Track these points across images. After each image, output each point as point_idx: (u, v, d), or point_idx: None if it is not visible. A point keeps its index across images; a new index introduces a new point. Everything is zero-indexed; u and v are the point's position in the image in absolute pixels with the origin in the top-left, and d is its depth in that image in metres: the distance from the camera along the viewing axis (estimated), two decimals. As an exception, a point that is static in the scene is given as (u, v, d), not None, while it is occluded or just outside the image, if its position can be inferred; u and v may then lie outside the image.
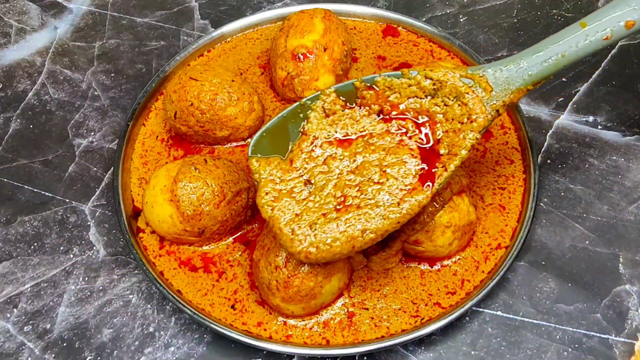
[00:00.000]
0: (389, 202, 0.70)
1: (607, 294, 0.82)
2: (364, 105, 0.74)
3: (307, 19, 0.93)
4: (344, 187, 0.71)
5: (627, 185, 0.90)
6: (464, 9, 1.12)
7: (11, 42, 1.11)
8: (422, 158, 0.72)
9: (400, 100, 0.73)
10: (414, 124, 0.73)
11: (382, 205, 0.70)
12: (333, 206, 0.70)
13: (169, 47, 1.09)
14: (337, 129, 0.74)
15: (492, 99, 0.72)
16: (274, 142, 0.74)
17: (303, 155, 0.73)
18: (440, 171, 0.71)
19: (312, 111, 0.75)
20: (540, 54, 0.71)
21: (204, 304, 0.80)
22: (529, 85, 0.72)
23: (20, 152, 0.98)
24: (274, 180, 0.72)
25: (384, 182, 0.71)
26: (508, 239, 0.83)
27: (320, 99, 0.75)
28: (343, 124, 0.74)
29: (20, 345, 0.80)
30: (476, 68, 0.73)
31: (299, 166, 0.73)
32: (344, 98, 0.75)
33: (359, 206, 0.70)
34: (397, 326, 0.78)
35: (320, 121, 0.74)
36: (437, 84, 0.72)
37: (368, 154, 0.72)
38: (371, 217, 0.70)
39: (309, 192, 0.71)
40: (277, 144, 0.74)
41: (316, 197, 0.71)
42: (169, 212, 0.80)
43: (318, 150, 0.73)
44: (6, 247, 0.88)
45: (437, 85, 0.72)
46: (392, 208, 0.70)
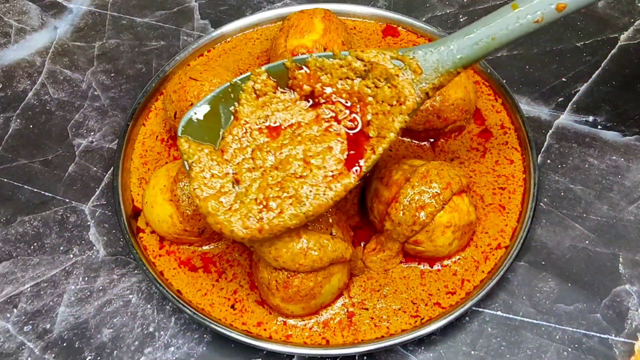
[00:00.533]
0: (312, 194, 0.70)
1: (607, 293, 0.82)
2: (295, 86, 0.73)
3: (307, 19, 0.93)
4: (267, 187, 0.70)
5: (627, 185, 0.90)
6: (464, 9, 1.12)
7: (11, 42, 1.11)
8: (349, 142, 0.71)
9: (331, 81, 0.72)
10: (344, 107, 0.72)
11: (305, 198, 0.70)
12: (257, 210, 0.70)
13: (169, 47, 1.09)
14: (267, 113, 0.73)
15: (422, 81, 0.71)
16: (205, 124, 0.73)
17: (234, 145, 0.72)
18: (369, 154, 0.71)
19: (243, 92, 0.73)
20: (470, 36, 0.70)
21: (203, 304, 0.80)
22: (458, 68, 0.71)
23: (20, 152, 0.98)
24: (204, 176, 0.71)
25: (307, 174, 0.70)
26: (508, 239, 0.83)
27: (252, 79, 0.73)
28: (274, 108, 0.73)
29: (20, 345, 0.80)
30: (407, 50, 0.72)
31: (229, 158, 0.72)
32: (275, 79, 0.73)
33: (281, 210, 0.69)
34: (397, 326, 0.78)
35: (251, 103, 0.73)
36: (368, 65, 0.71)
37: (293, 146, 0.72)
38: (294, 213, 0.69)
39: (235, 194, 0.70)
40: (208, 128, 0.73)
41: (241, 201, 0.70)
42: (169, 212, 0.80)
43: (246, 140, 0.72)
44: (6, 247, 0.88)
45: (368, 66, 0.71)
46: (315, 200, 0.70)
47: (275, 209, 0.69)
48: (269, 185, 0.70)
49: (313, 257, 0.72)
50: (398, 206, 0.77)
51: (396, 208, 0.77)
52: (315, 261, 0.73)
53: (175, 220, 0.80)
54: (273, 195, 0.70)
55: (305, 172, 0.71)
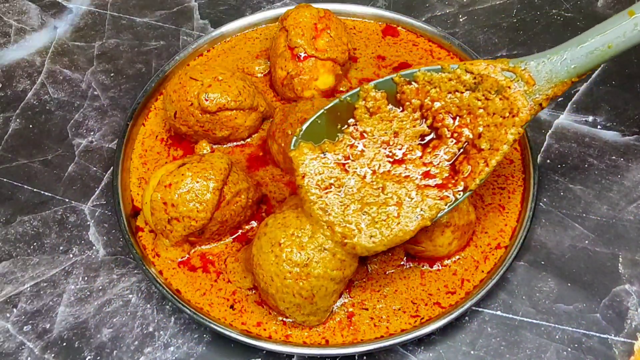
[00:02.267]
0: (425, 203, 0.71)
1: (606, 293, 0.82)
2: (403, 100, 0.73)
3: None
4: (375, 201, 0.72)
5: (626, 185, 0.90)
6: (464, 8, 1.12)
7: (11, 42, 1.11)
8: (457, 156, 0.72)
9: (440, 94, 0.72)
10: (452, 120, 0.72)
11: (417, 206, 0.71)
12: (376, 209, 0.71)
13: (169, 47, 1.09)
14: (382, 129, 0.73)
15: (535, 92, 0.70)
16: (312, 137, 0.74)
17: (343, 156, 0.73)
18: (482, 167, 0.71)
19: (356, 110, 0.74)
20: (584, 45, 0.69)
21: (202, 304, 0.80)
22: (573, 78, 0.70)
23: (20, 151, 0.98)
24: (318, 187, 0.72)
25: (421, 194, 0.72)
26: (507, 239, 0.83)
27: (361, 96, 0.74)
28: (386, 124, 0.74)
29: (20, 345, 0.80)
30: (518, 60, 0.71)
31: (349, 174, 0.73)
32: (383, 94, 0.74)
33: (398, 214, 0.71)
34: (396, 326, 0.78)
35: (367, 120, 0.74)
36: (478, 78, 0.71)
37: (405, 165, 0.73)
38: (409, 217, 0.71)
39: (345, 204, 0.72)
40: (316, 138, 0.74)
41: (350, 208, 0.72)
42: (169, 211, 0.80)
43: (366, 154, 0.73)
44: (6, 246, 0.88)
45: (478, 79, 0.71)
46: (426, 207, 0.71)
47: (384, 221, 0.71)
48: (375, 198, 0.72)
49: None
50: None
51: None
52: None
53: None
54: (378, 210, 0.71)
55: (419, 193, 0.72)
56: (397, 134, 0.74)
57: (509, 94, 0.70)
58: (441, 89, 0.73)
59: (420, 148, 0.73)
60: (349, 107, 0.74)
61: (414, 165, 0.73)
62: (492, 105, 0.71)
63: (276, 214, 0.77)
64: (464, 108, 0.72)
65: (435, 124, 0.73)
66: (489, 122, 0.71)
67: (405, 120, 0.74)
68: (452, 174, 0.72)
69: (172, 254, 0.82)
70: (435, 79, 0.72)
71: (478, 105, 0.71)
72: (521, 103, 0.70)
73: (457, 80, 0.72)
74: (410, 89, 0.73)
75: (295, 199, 0.82)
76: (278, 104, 0.97)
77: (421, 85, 0.73)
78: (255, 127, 0.92)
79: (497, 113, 0.71)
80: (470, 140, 0.72)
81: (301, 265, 0.71)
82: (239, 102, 0.88)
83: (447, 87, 0.72)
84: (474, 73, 0.71)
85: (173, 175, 0.79)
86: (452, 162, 0.72)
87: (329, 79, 0.93)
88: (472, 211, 0.81)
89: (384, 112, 0.74)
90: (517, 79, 0.70)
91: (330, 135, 0.74)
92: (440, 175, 0.72)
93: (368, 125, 0.74)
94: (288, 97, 0.95)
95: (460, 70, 0.72)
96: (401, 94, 0.74)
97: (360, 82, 0.98)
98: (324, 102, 0.86)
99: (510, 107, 0.70)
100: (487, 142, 0.71)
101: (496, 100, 0.71)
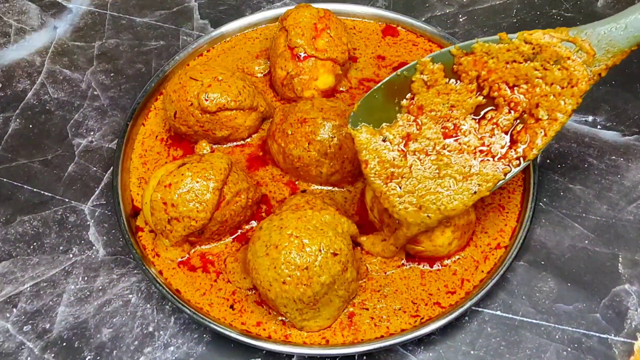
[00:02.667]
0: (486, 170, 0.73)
1: (606, 293, 0.82)
2: (460, 72, 0.73)
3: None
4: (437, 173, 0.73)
5: (626, 185, 0.90)
6: (464, 8, 1.12)
7: (11, 42, 1.11)
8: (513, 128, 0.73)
9: (497, 65, 0.72)
10: (509, 90, 0.72)
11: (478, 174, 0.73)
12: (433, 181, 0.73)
13: (169, 47, 1.09)
14: (439, 103, 0.74)
15: (595, 62, 0.70)
16: (376, 113, 0.74)
17: (404, 133, 0.74)
18: (541, 136, 0.71)
19: (413, 83, 0.74)
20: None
21: (202, 304, 0.80)
22: (633, 46, 0.69)
23: (20, 151, 0.98)
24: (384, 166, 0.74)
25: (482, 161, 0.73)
26: (507, 239, 0.83)
27: (418, 69, 0.73)
28: (443, 97, 0.74)
29: (20, 345, 0.80)
30: (578, 30, 0.70)
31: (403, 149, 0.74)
32: (440, 66, 0.74)
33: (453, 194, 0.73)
34: (396, 326, 0.78)
35: (425, 94, 0.74)
36: (537, 48, 0.70)
37: (462, 139, 0.74)
38: (465, 188, 0.73)
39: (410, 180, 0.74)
40: (378, 118, 0.75)
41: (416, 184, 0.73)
42: (169, 211, 0.80)
43: (416, 128, 0.74)
44: (5, 246, 0.88)
45: (537, 49, 0.70)
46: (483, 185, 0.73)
47: (449, 189, 0.73)
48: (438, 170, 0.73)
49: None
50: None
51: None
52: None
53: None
54: (442, 180, 0.73)
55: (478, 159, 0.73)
56: (454, 107, 0.74)
57: (568, 65, 0.70)
58: (499, 59, 0.72)
59: (476, 121, 0.74)
60: (406, 81, 0.74)
61: (471, 139, 0.73)
62: (550, 75, 0.70)
63: (272, 216, 0.77)
64: (521, 78, 0.72)
65: (492, 93, 0.73)
66: (547, 92, 0.71)
67: (462, 93, 0.73)
68: (509, 145, 0.72)
69: (172, 254, 0.82)
70: (493, 49, 0.72)
71: (536, 75, 0.71)
72: (580, 74, 0.69)
73: (515, 50, 0.71)
74: (468, 60, 0.73)
75: (295, 199, 0.82)
76: (278, 104, 0.97)
77: (479, 56, 0.72)
78: (255, 127, 0.92)
79: (555, 83, 0.70)
80: (528, 110, 0.72)
81: (301, 268, 0.71)
82: (239, 102, 0.88)
83: (505, 58, 0.72)
84: (533, 43, 0.71)
85: (173, 175, 0.79)
86: (509, 133, 0.73)
87: (328, 79, 0.93)
88: (472, 211, 0.81)
89: (441, 85, 0.74)
90: (577, 50, 0.70)
91: (386, 110, 0.74)
92: (497, 147, 0.72)
93: (425, 99, 0.74)
94: (288, 97, 0.95)
95: (518, 41, 0.71)
96: (458, 65, 0.73)
97: (360, 82, 0.98)
98: (324, 102, 0.86)
99: (569, 78, 0.70)
100: (545, 112, 0.71)
101: (555, 70, 0.70)
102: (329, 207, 0.79)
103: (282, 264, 0.71)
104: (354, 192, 0.87)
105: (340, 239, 0.74)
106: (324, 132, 0.83)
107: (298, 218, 0.74)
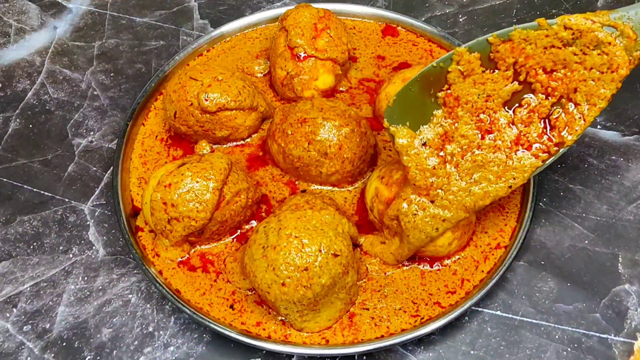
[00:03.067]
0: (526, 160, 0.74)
1: (606, 293, 0.82)
2: (497, 59, 0.72)
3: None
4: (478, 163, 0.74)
5: (626, 185, 0.90)
6: (463, 8, 1.12)
7: (10, 42, 1.11)
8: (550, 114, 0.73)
9: (535, 51, 0.71)
10: (548, 76, 0.71)
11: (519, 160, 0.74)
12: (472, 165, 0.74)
13: (168, 47, 1.09)
14: (475, 93, 0.73)
15: (636, 47, 0.69)
16: (412, 107, 0.74)
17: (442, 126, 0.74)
18: (578, 121, 0.71)
19: (450, 73, 0.73)
20: None
21: (202, 304, 0.80)
22: None
23: (20, 151, 0.98)
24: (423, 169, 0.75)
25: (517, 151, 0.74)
26: (507, 239, 0.83)
27: (454, 59, 0.73)
28: (479, 87, 0.73)
29: (20, 344, 0.80)
30: (618, 15, 0.69)
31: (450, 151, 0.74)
32: (477, 55, 0.73)
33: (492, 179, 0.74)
34: (397, 326, 0.78)
35: (461, 84, 0.73)
36: (577, 34, 0.69)
37: (499, 131, 0.74)
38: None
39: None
40: (414, 113, 0.75)
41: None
42: (168, 211, 0.80)
43: (453, 121, 0.74)
44: (5, 246, 0.88)
45: (577, 34, 0.69)
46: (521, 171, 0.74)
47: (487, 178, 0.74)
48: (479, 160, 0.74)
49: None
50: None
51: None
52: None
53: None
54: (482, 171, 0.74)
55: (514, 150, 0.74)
56: (490, 97, 0.73)
57: (609, 50, 0.68)
58: (537, 45, 0.71)
59: (511, 112, 0.74)
60: (442, 72, 0.73)
61: (506, 132, 0.73)
62: (589, 60, 0.69)
63: (269, 217, 0.76)
64: (559, 63, 0.71)
65: (529, 79, 0.72)
66: (586, 77, 0.70)
67: (498, 81, 0.73)
68: (547, 131, 0.72)
69: (171, 253, 0.82)
70: (532, 35, 0.71)
71: (575, 60, 0.70)
72: (621, 59, 0.68)
73: (554, 36, 0.70)
74: (505, 47, 0.72)
75: (295, 199, 0.82)
76: (278, 104, 0.97)
77: (516, 43, 0.71)
78: (255, 127, 0.92)
79: (594, 68, 0.69)
80: (566, 94, 0.71)
81: (301, 268, 0.71)
82: (239, 102, 0.88)
83: (543, 44, 0.71)
84: (573, 29, 0.69)
85: (173, 175, 0.79)
86: (546, 118, 0.72)
87: (328, 79, 0.93)
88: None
89: (477, 75, 0.73)
90: (618, 34, 0.68)
91: (422, 103, 0.74)
92: (534, 135, 0.72)
93: (461, 89, 0.73)
94: (288, 97, 0.95)
95: (558, 27, 0.70)
96: (495, 53, 0.72)
97: (360, 82, 0.98)
98: (324, 102, 0.86)
99: (609, 63, 0.69)
100: (584, 97, 0.70)
101: (594, 55, 0.69)
102: (329, 207, 0.79)
103: (281, 264, 0.71)
104: (353, 192, 0.87)
105: (340, 239, 0.74)
106: (324, 132, 0.83)
107: (298, 218, 0.74)
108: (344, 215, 0.79)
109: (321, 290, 0.72)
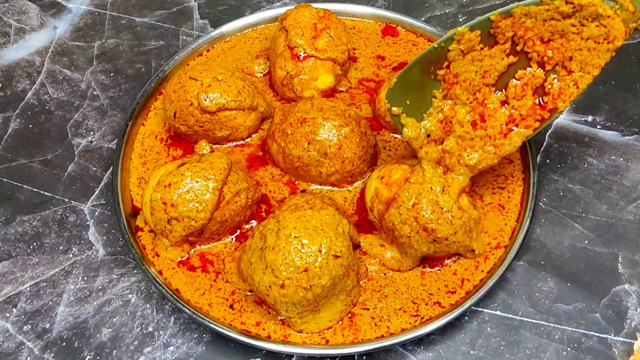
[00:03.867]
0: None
1: (606, 293, 0.82)
2: (497, 33, 0.73)
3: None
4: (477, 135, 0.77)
5: (626, 184, 0.90)
6: (463, 8, 1.12)
7: (10, 42, 1.11)
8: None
9: (534, 23, 0.72)
10: (543, 45, 0.73)
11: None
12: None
13: (168, 47, 1.09)
14: (473, 70, 0.74)
15: (633, 18, 0.70)
16: (412, 89, 0.76)
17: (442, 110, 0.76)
18: (572, 89, 0.72)
19: (450, 51, 0.74)
20: None
21: (202, 304, 0.80)
22: None
23: (20, 151, 0.98)
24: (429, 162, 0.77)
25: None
26: (507, 239, 0.83)
27: (455, 39, 0.73)
28: (477, 64, 0.74)
29: (20, 344, 0.80)
30: None
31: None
32: (477, 32, 0.74)
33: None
34: (397, 326, 0.78)
35: (460, 61, 0.74)
36: (577, 7, 0.70)
37: (495, 102, 0.76)
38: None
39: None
40: (414, 94, 0.76)
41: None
42: (168, 211, 0.80)
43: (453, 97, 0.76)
44: (5, 246, 0.88)
45: (577, 8, 0.70)
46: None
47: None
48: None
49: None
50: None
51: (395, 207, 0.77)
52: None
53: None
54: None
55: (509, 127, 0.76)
56: (486, 73, 0.74)
57: (607, 22, 0.70)
58: (537, 19, 0.72)
59: (503, 91, 0.76)
60: (442, 51, 0.74)
61: (499, 114, 0.76)
62: (587, 30, 0.71)
63: (268, 219, 0.76)
64: (557, 33, 0.72)
65: (526, 49, 0.73)
66: (582, 46, 0.71)
67: (495, 56, 0.74)
68: (541, 97, 0.75)
69: (171, 253, 0.82)
70: (533, 10, 0.72)
71: (572, 30, 0.71)
72: (618, 32, 0.70)
73: (555, 10, 0.71)
74: (506, 23, 0.73)
75: (295, 199, 0.82)
76: (278, 104, 0.97)
77: (517, 17, 0.72)
78: (255, 127, 0.92)
79: (591, 38, 0.71)
80: (561, 62, 0.73)
81: (300, 269, 0.71)
82: (239, 102, 0.88)
83: (543, 17, 0.72)
84: (574, 3, 0.70)
85: (173, 175, 0.79)
86: (540, 88, 0.75)
87: (328, 79, 0.93)
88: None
89: (476, 51, 0.74)
90: (617, 7, 0.70)
91: (422, 85, 0.75)
92: (526, 108, 0.75)
93: (460, 66, 0.74)
94: (288, 97, 0.95)
95: (559, 1, 0.71)
96: (496, 29, 0.73)
97: (360, 82, 0.98)
98: (323, 102, 0.86)
99: (606, 34, 0.70)
100: (578, 65, 0.72)
101: (592, 26, 0.70)
102: (329, 207, 0.79)
103: (281, 265, 0.71)
104: (353, 192, 0.87)
105: (340, 239, 0.73)
106: (324, 132, 0.83)
107: (297, 218, 0.74)
108: (343, 216, 0.79)
109: (321, 292, 0.71)
